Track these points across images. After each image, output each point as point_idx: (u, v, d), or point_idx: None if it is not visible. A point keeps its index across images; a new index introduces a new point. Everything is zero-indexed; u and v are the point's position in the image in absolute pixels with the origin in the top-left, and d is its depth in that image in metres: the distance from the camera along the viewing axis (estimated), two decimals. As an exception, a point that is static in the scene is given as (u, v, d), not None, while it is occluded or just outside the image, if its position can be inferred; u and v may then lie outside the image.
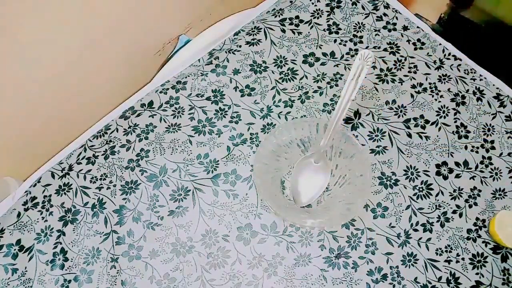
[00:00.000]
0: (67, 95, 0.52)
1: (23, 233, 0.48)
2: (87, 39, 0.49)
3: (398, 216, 0.48)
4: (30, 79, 0.46)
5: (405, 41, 0.57)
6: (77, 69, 0.51)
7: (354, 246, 0.47)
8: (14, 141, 0.51)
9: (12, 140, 0.50)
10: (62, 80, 0.50)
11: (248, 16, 0.60)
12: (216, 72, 0.55)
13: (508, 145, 0.52)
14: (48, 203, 0.49)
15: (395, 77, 0.55)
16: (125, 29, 0.53)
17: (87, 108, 0.55)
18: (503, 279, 0.46)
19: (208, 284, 0.46)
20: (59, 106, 0.52)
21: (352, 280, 0.46)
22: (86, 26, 0.47)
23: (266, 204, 0.48)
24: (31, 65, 0.45)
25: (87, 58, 0.51)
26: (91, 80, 0.54)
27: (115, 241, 0.47)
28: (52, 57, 0.46)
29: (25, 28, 0.41)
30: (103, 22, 0.49)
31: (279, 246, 0.47)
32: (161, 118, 0.53)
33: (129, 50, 0.57)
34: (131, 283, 0.46)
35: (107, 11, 0.48)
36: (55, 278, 0.46)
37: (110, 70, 0.56)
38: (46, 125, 0.53)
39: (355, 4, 0.59)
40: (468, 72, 0.56)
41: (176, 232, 0.48)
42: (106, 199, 0.49)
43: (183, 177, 0.50)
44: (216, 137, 0.52)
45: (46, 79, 0.48)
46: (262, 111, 0.53)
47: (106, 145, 0.52)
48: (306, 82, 0.55)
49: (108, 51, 0.53)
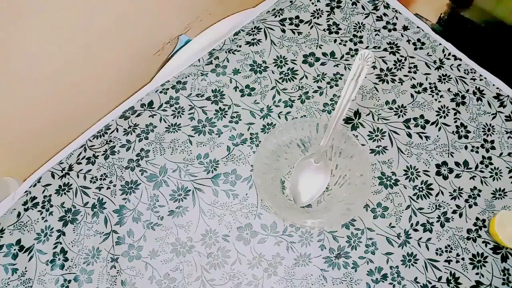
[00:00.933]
0: (67, 95, 0.52)
1: (23, 233, 0.48)
2: (87, 39, 0.49)
3: (398, 216, 0.48)
4: (29, 79, 0.46)
5: (405, 41, 0.57)
6: (77, 69, 0.51)
7: (354, 246, 0.47)
8: (14, 141, 0.51)
9: (12, 140, 0.50)
10: (62, 80, 0.50)
11: (248, 16, 0.60)
12: (216, 72, 0.55)
13: (508, 145, 0.52)
14: (48, 203, 0.49)
15: (395, 77, 0.55)
16: (125, 29, 0.53)
17: (87, 108, 0.55)
18: (503, 279, 0.46)
19: (208, 284, 0.46)
20: (59, 106, 0.52)
21: (352, 280, 0.46)
22: (86, 26, 0.47)
23: (266, 204, 0.48)
24: (31, 65, 0.45)
25: (87, 58, 0.51)
26: (91, 80, 0.54)
27: (115, 241, 0.47)
28: (52, 57, 0.46)
29: (24, 28, 0.41)
30: (103, 22, 0.49)
31: (279, 246, 0.47)
32: (161, 118, 0.53)
33: (129, 50, 0.57)
34: (131, 283, 0.46)
35: (107, 11, 0.48)
36: (55, 278, 0.46)
37: (110, 70, 0.56)
38: (46, 125, 0.53)
39: (355, 4, 0.59)
40: (468, 72, 0.56)
41: (176, 232, 0.48)
42: (106, 199, 0.49)
43: (183, 177, 0.50)
44: (216, 137, 0.52)
45: (46, 79, 0.48)
46: (262, 111, 0.53)
47: (106, 145, 0.52)
48: (306, 82, 0.55)
49: (108, 51, 0.53)
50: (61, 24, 0.44)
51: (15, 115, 0.48)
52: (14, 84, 0.45)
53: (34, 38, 0.43)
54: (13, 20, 0.39)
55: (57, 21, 0.44)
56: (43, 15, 0.42)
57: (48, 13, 0.42)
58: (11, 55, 0.42)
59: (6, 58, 0.42)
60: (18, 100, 0.47)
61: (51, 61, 0.47)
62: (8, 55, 0.42)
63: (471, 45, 0.59)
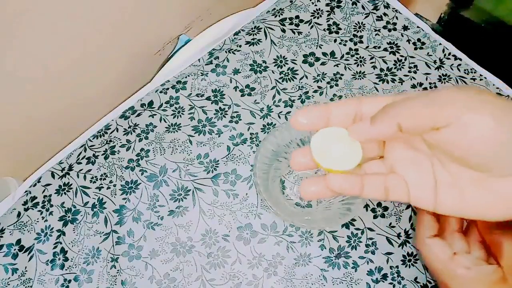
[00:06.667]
0: (67, 94, 0.52)
1: (23, 233, 0.48)
2: (86, 39, 0.49)
3: (398, 216, 0.48)
4: (29, 79, 0.46)
5: (405, 41, 0.57)
6: (77, 69, 0.51)
7: (354, 246, 0.47)
8: (14, 141, 0.51)
9: (12, 140, 0.50)
10: (62, 80, 0.50)
11: (248, 16, 0.60)
12: (216, 72, 0.55)
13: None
14: (48, 203, 0.49)
15: (395, 77, 0.55)
16: (125, 29, 0.53)
17: (87, 108, 0.55)
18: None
19: (208, 284, 0.46)
20: (59, 106, 0.52)
21: (352, 280, 0.46)
22: (86, 26, 0.47)
23: (266, 204, 0.48)
24: (31, 64, 0.45)
25: (87, 58, 0.51)
26: (91, 79, 0.54)
27: (115, 241, 0.47)
28: (51, 57, 0.46)
29: (24, 27, 0.41)
30: (102, 22, 0.49)
31: (279, 246, 0.47)
32: (161, 118, 0.53)
33: (129, 50, 0.57)
34: (131, 283, 0.46)
35: (107, 10, 0.48)
36: (55, 278, 0.46)
37: (110, 70, 0.56)
38: (46, 125, 0.53)
39: (355, 4, 0.59)
40: (468, 72, 0.56)
41: (176, 232, 0.48)
42: (106, 199, 0.49)
43: (183, 177, 0.50)
44: (216, 137, 0.52)
45: (46, 79, 0.48)
46: (262, 111, 0.53)
47: (106, 145, 0.52)
48: (306, 82, 0.55)
49: (108, 51, 0.53)
50: (61, 23, 0.44)
51: (15, 115, 0.48)
52: (14, 84, 0.45)
53: (34, 37, 0.43)
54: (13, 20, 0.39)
55: (57, 20, 0.44)
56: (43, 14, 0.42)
57: (48, 13, 0.42)
58: (11, 55, 0.42)
59: (6, 58, 0.42)
60: (18, 100, 0.47)
61: (51, 61, 0.47)
62: (7, 55, 0.42)
63: (471, 45, 0.59)
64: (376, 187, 0.30)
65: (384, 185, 0.30)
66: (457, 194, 0.28)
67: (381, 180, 0.30)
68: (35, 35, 0.43)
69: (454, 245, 0.36)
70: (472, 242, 0.36)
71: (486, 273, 0.33)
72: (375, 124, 0.28)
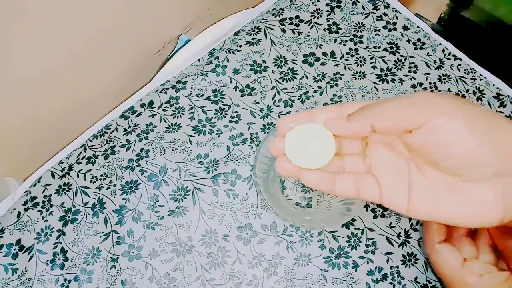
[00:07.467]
0: (67, 94, 0.52)
1: (23, 233, 0.48)
2: (86, 39, 0.49)
3: (398, 216, 0.48)
4: (29, 79, 0.46)
5: (405, 41, 0.57)
6: (77, 68, 0.51)
7: (354, 246, 0.47)
8: (14, 141, 0.51)
9: (12, 140, 0.50)
10: (62, 80, 0.50)
11: (248, 16, 0.60)
12: (216, 72, 0.55)
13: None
14: (48, 203, 0.49)
15: (395, 77, 0.55)
16: (125, 29, 0.53)
17: (87, 108, 0.55)
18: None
19: (208, 284, 0.46)
20: (59, 106, 0.52)
21: (352, 280, 0.46)
22: (86, 26, 0.47)
23: (266, 204, 0.48)
24: (31, 64, 0.45)
25: (87, 58, 0.51)
26: (91, 79, 0.54)
27: (115, 241, 0.47)
28: (52, 57, 0.46)
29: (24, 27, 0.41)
30: (102, 21, 0.49)
31: (279, 246, 0.47)
32: (161, 118, 0.53)
33: (129, 50, 0.57)
34: (131, 283, 0.46)
35: (107, 10, 0.48)
36: (55, 278, 0.46)
37: (110, 70, 0.56)
38: (46, 125, 0.53)
39: (355, 4, 0.59)
40: (468, 72, 0.56)
41: (176, 232, 0.48)
42: (106, 199, 0.49)
43: (183, 177, 0.50)
44: (216, 137, 0.52)
45: (46, 79, 0.48)
46: (262, 111, 0.53)
47: (106, 145, 0.52)
48: (306, 82, 0.55)
49: (108, 51, 0.53)
50: (61, 23, 0.44)
51: (15, 115, 0.48)
52: (14, 84, 0.45)
53: (34, 37, 0.43)
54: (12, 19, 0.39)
55: (57, 20, 0.44)
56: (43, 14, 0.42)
57: (48, 13, 0.42)
58: (11, 54, 0.42)
59: (6, 57, 0.42)
60: (18, 100, 0.47)
61: (51, 61, 0.47)
62: (7, 55, 0.42)
63: (471, 45, 0.59)
64: (348, 186, 0.31)
65: (355, 184, 0.31)
66: (430, 198, 0.28)
67: (353, 179, 0.31)
68: (35, 35, 0.43)
69: (463, 250, 0.36)
70: (481, 246, 0.36)
71: (499, 281, 0.33)
72: (351, 121, 0.29)
